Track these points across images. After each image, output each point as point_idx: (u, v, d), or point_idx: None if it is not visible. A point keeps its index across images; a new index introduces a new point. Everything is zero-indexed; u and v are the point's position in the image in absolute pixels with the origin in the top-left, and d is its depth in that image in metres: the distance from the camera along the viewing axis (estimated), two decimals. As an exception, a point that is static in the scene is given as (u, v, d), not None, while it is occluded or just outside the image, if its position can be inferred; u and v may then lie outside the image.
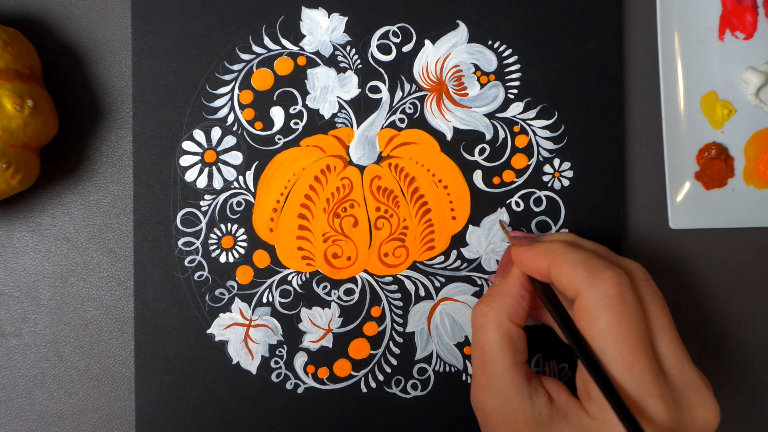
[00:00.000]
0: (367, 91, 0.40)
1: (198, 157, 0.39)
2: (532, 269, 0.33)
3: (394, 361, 0.40)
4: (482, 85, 0.40)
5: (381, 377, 0.39)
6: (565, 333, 0.30)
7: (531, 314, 0.35)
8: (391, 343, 0.40)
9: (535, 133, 0.40)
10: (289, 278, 0.39)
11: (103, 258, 0.40)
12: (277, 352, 0.39)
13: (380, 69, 0.40)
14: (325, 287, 0.39)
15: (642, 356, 0.29)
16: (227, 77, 0.39)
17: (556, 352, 0.40)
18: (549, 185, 0.40)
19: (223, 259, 0.39)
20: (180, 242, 0.39)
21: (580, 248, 0.32)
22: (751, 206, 0.42)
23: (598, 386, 0.28)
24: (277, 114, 0.39)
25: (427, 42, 0.40)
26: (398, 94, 0.40)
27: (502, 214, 0.39)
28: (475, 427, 0.39)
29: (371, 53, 0.40)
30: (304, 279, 0.39)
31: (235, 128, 0.39)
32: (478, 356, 0.33)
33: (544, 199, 0.40)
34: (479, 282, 0.40)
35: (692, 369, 0.30)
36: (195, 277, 0.39)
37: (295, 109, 0.39)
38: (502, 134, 0.40)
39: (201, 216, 0.39)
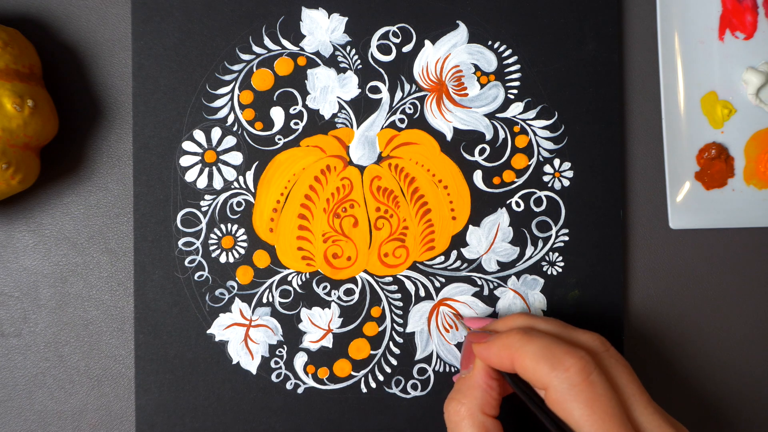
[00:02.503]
0: (367, 92, 0.40)
1: (198, 158, 0.39)
2: (497, 365, 0.33)
3: (394, 362, 0.40)
4: (482, 86, 0.40)
5: (381, 377, 0.39)
6: (546, 420, 0.31)
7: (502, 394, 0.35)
8: (391, 343, 0.40)
9: (535, 133, 0.40)
10: (289, 278, 0.39)
11: (103, 258, 0.40)
12: (277, 352, 0.39)
13: (380, 69, 0.40)
14: (325, 287, 0.39)
15: None
16: (227, 77, 0.39)
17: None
18: (549, 185, 0.40)
19: (223, 259, 0.39)
20: (180, 242, 0.39)
21: (537, 334, 0.32)
22: (751, 206, 0.42)
23: None
24: (277, 114, 0.39)
25: (427, 42, 0.40)
26: (398, 95, 0.40)
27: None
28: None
29: (371, 53, 0.40)
30: (304, 279, 0.39)
31: (235, 128, 0.39)
32: None
33: (544, 199, 0.40)
34: (479, 282, 0.40)
35: (670, 428, 0.31)
36: (195, 278, 0.39)
37: (295, 109, 0.39)
38: (502, 134, 0.40)
39: (201, 216, 0.39)
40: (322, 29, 0.39)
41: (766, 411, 0.43)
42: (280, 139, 0.39)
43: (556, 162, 0.40)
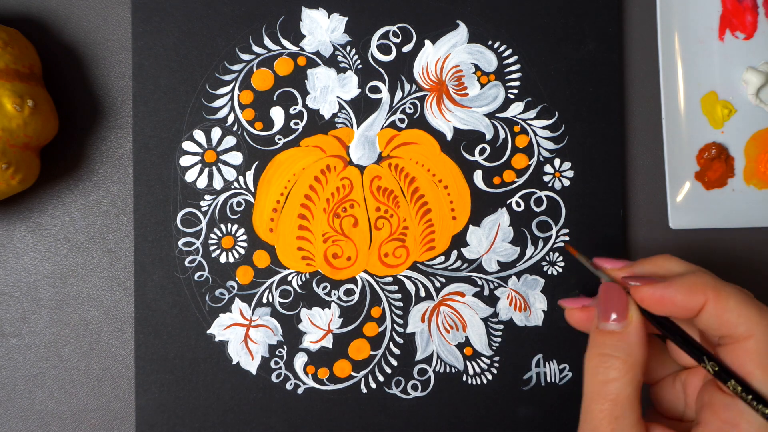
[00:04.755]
0: (367, 92, 0.40)
1: (198, 158, 0.39)
2: (677, 307, 0.30)
3: (394, 362, 0.40)
4: (482, 85, 0.40)
5: (381, 378, 0.39)
6: (722, 375, 0.29)
7: None
8: (391, 343, 0.40)
9: (535, 133, 0.40)
10: (289, 278, 0.39)
11: (103, 258, 0.40)
12: (277, 353, 0.39)
13: (380, 69, 0.40)
14: (325, 287, 0.39)
15: None
16: (227, 77, 0.39)
17: (557, 353, 0.40)
18: (549, 185, 0.40)
19: (223, 259, 0.39)
20: (180, 242, 0.39)
21: (721, 280, 0.31)
22: (751, 206, 0.42)
23: None
24: (277, 114, 0.39)
25: (427, 42, 0.40)
26: (398, 94, 0.40)
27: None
28: (474, 427, 0.39)
29: (371, 53, 0.40)
30: (304, 279, 0.39)
31: (235, 128, 0.39)
32: (604, 410, 0.30)
33: (544, 199, 0.40)
34: (480, 282, 0.40)
35: None
36: (195, 278, 0.39)
37: (295, 109, 0.39)
38: (502, 134, 0.40)
39: (201, 216, 0.39)
40: (322, 29, 0.39)
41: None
42: (280, 139, 0.39)
43: (557, 162, 0.40)
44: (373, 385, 0.39)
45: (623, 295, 0.32)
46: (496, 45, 0.40)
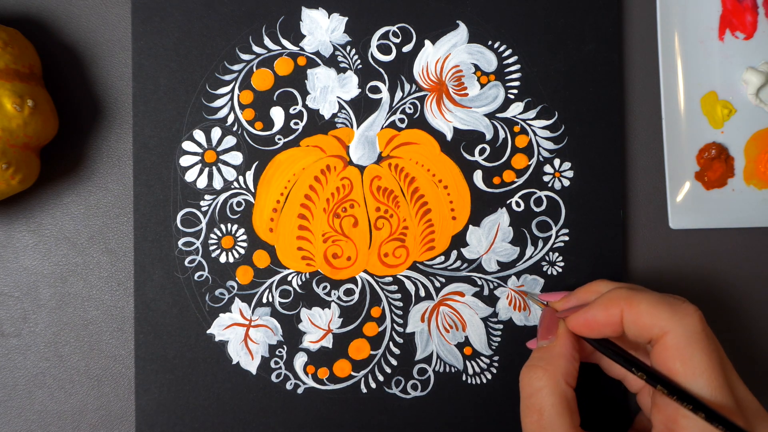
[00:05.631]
0: (367, 92, 0.40)
1: (198, 158, 0.39)
2: (599, 325, 0.32)
3: (394, 362, 0.40)
4: (482, 85, 0.40)
5: (381, 378, 0.39)
6: (651, 381, 0.30)
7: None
8: (391, 343, 0.40)
9: (535, 133, 0.40)
10: (289, 278, 0.39)
11: (103, 258, 0.40)
12: (277, 353, 0.39)
13: (380, 69, 0.40)
14: (325, 287, 0.39)
15: (729, 391, 0.29)
16: (227, 77, 0.39)
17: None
18: (549, 185, 0.40)
19: (223, 259, 0.39)
20: (180, 242, 0.39)
21: (643, 288, 0.32)
22: (751, 206, 0.42)
23: (716, 422, 0.28)
24: (277, 114, 0.39)
25: (427, 42, 0.40)
26: (398, 94, 0.40)
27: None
28: (474, 427, 0.39)
29: (371, 53, 0.40)
30: (304, 279, 0.39)
31: (235, 128, 0.39)
32: (534, 422, 0.32)
33: (544, 199, 0.40)
34: (479, 282, 0.40)
35: (751, 394, 0.31)
36: (195, 277, 0.39)
37: (295, 109, 0.39)
38: (502, 134, 0.40)
39: (201, 216, 0.39)
40: (322, 29, 0.39)
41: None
42: (280, 139, 0.39)
43: (556, 162, 0.40)
44: (373, 385, 0.39)
45: (555, 317, 0.35)
46: (496, 45, 0.40)
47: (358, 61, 0.40)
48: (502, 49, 0.40)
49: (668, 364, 0.30)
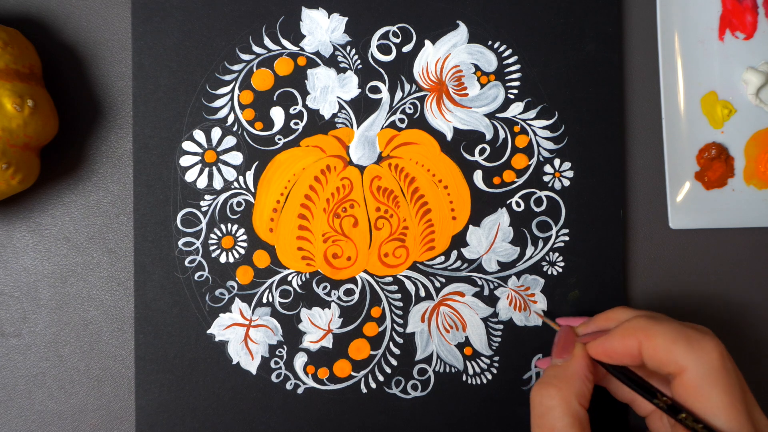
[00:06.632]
0: (367, 92, 0.40)
1: (198, 158, 0.39)
2: (618, 354, 0.32)
3: (394, 362, 0.40)
4: (482, 85, 0.40)
5: (381, 378, 0.39)
6: (670, 412, 0.30)
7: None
8: (391, 343, 0.40)
9: (535, 133, 0.40)
10: (289, 278, 0.39)
11: (103, 258, 0.40)
12: (277, 353, 0.39)
13: (380, 69, 0.40)
14: (325, 287, 0.39)
15: (751, 427, 0.29)
16: (227, 77, 0.39)
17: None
18: (549, 185, 0.40)
19: (223, 259, 0.39)
20: (180, 242, 0.39)
21: (664, 317, 0.31)
22: (751, 206, 0.42)
23: None
24: (277, 114, 0.39)
25: (427, 42, 0.40)
26: (398, 95, 0.40)
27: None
28: (474, 427, 0.39)
29: (371, 53, 0.40)
30: (304, 279, 0.39)
31: (235, 128, 0.39)
32: None
33: (544, 199, 0.40)
34: (479, 282, 0.40)
35: None
36: (195, 278, 0.39)
37: (295, 109, 0.39)
38: (502, 134, 0.40)
39: (201, 216, 0.39)
40: (322, 29, 0.39)
41: (764, 411, 0.43)
42: (280, 139, 0.39)
43: (557, 162, 0.40)
44: (373, 385, 0.39)
45: (572, 336, 0.34)
46: (496, 45, 0.40)
47: (358, 61, 0.40)
48: (502, 49, 0.40)
49: (687, 403, 0.30)
